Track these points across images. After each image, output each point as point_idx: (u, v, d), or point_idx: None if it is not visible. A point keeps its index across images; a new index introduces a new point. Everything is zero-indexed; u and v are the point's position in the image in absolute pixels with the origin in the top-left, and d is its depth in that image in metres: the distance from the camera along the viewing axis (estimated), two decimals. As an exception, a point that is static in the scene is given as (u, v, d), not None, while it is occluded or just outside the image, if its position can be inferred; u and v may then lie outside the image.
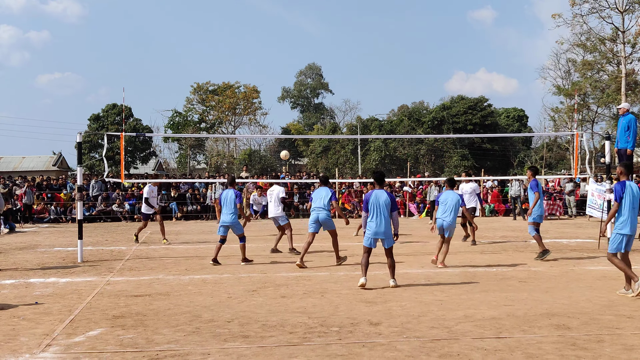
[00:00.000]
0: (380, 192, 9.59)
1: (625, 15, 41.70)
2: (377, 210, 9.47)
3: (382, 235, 9.52)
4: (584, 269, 11.55)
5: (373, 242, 9.64)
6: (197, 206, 28.07)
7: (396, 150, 54.19)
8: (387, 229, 9.50)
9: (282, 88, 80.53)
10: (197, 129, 61.80)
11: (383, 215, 9.47)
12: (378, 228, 9.47)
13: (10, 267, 12.19)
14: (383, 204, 9.48)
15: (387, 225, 9.50)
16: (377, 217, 9.47)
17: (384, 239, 9.54)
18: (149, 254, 14.28)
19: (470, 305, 8.22)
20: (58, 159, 61.09)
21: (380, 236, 9.53)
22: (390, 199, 9.51)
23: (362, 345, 6.26)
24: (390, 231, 9.58)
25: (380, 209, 9.47)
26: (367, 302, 8.43)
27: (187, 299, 8.82)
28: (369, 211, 9.56)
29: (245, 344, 6.34)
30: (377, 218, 9.47)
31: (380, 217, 9.46)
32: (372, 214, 9.52)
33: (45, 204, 26.89)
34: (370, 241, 9.62)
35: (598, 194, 16.01)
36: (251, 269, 11.77)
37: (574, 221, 25.61)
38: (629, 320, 7.33)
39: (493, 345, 6.24)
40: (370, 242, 9.62)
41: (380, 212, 9.47)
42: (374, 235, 9.55)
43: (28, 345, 6.38)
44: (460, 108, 55.71)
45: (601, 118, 52.52)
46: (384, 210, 9.47)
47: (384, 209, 9.47)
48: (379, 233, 9.51)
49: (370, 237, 9.58)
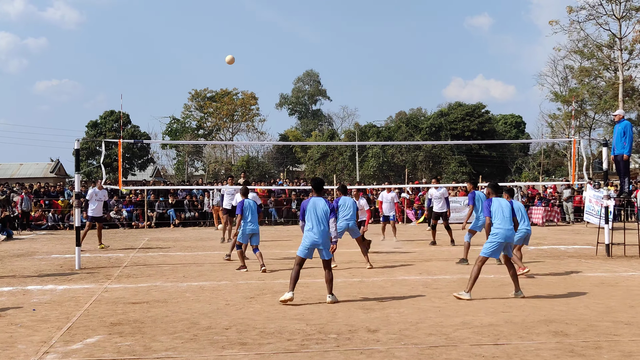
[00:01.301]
0: (318, 200, 9.05)
1: (622, 22, 41.90)
2: (316, 218, 8.92)
3: (320, 245, 8.95)
4: (582, 275, 11.56)
5: (309, 253, 9.03)
6: (195, 213, 28.03)
7: (394, 157, 54.20)
8: (325, 239, 8.94)
9: (280, 95, 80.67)
10: (195, 135, 61.81)
11: (322, 224, 8.91)
12: (316, 237, 8.90)
13: (7, 274, 12.16)
14: (322, 212, 8.94)
15: (325, 234, 8.94)
16: (315, 225, 8.91)
17: (322, 249, 8.98)
18: (147, 261, 14.26)
19: (468, 311, 8.22)
20: (56, 166, 61.05)
21: (318, 246, 8.96)
22: (329, 207, 9.01)
23: (360, 352, 6.26)
24: (329, 241, 9.01)
25: (318, 217, 8.92)
26: (365, 309, 8.43)
27: (185, 306, 8.81)
28: (307, 220, 8.99)
29: (243, 351, 6.33)
30: (315, 227, 8.91)
31: (318, 226, 8.90)
32: (310, 222, 8.96)
33: (42, 211, 26.85)
34: (307, 252, 8.99)
35: (596, 200, 16.03)
36: (249, 276, 11.76)
37: (571, 227, 25.64)
38: (627, 327, 7.33)
39: (491, 352, 6.24)
40: (306, 252, 9.00)
41: (318, 220, 8.91)
42: (312, 245, 8.94)
43: (26, 352, 6.37)
44: (458, 114, 55.77)
45: (598, 124, 52.72)
46: (322, 218, 8.92)
47: (323, 218, 8.93)
48: (317, 243, 8.92)
49: (308, 246, 8.95)
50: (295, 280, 8.94)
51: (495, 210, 9.34)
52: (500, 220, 9.25)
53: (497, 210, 9.33)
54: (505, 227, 9.21)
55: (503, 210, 9.34)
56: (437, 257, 14.50)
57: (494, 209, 9.35)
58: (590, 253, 15.13)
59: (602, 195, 15.03)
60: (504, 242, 9.21)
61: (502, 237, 9.18)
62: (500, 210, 9.33)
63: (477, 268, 9.20)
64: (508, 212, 9.34)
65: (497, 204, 9.42)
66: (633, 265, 12.90)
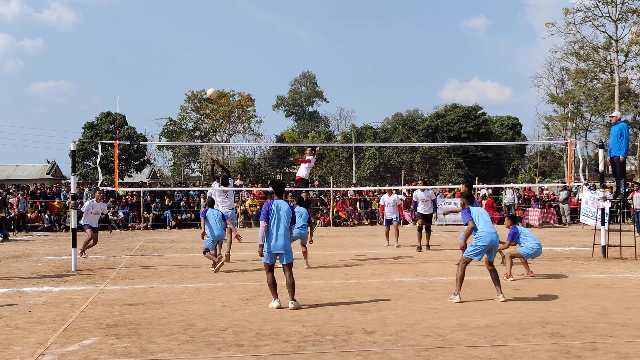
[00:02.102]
0: (281, 202, 8.87)
1: (618, 24, 42.03)
2: (278, 221, 8.72)
3: (281, 249, 8.71)
4: (578, 277, 11.58)
5: (274, 258, 8.82)
6: (191, 214, 27.99)
7: (390, 159, 54.27)
8: (287, 243, 8.75)
9: (277, 96, 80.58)
10: (191, 137, 61.74)
11: (284, 226, 8.73)
12: (277, 241, 8.69)
13: (3, 276, 12.14)
14: (284, 215, 8.76)
15: (287, 238, 8.76)
16: (277, 229, 8.71)
17: (283, 253, 8.74)
18: (143, 263, 14.24)
19: (464, 313, 8.23)
20: (52, 167, 60.93)
21: (279, 250, 8.71)
22: (292, 211, 8.87)
23: (356, 354, 6.26)
24: (290, 245, 8.84)
25: (280, 220, 8.72)
26: (361, 311, 8.43)
27: (181, 307, 8.80)
28: (269, 222, 8.73)
29: (240, 353, 6.33)
30: (277, 230, 8.71)
31: (280, 229, 8.71)
32: (271, 225, 8.72)
33: (39, 213, 26.79)
34: (271, 257, 8.78)
35: (592, 202, 16.06)
36: (245, 277, 11.76)
37: (568, 229, 25.68)
38: (622, 328, 7.35)
39: (487, 353, 6.25)
40: (271, 258, 8.79)
41: (280, 223, 8.71)
42: (273, 250, 8.71)
43: (22, 354, 6.36)
44: (454, 116, 55.90)
45: (595, 126, 52.88)
46: (284, 221, 8.74)
47: (285, 221, 8.74)
48: (278, 247, 8.70)
49: (270, 252, 8.74)
50: (275, 286, 8.79)
51: (476, 216, 9.42)
52: (484, 225, 9.32)
53: (479, 216, 9.43)
54: (489, 231, 9.27)
55: (483, 215, 9.47)
56: (434, 259, 14.51)
57: (475, 215, 9.42)
58: (586, 255, 15.15)
59: (598, 197, 15.07)
60: (488, 245, 9.26)
61: (487, 241, 9.24)
62: (481, 215, 9.45)
63: (461, 269, 9.25)
64: (488, 217, 9.50)
65: (477, 210, 9.53)
66: (629, 267, 12.92)
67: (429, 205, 16.84)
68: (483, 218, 9.43)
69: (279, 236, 8.71)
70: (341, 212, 29.20)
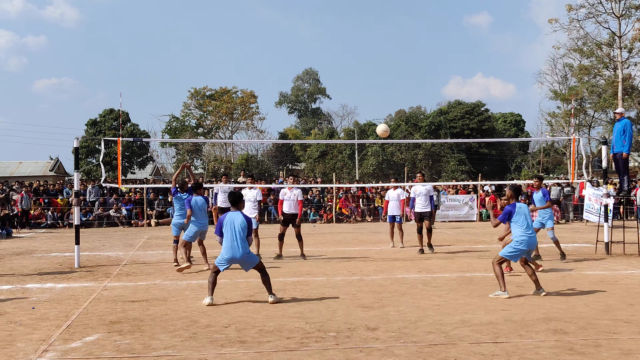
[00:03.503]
0: (235, 215, 8.79)
1: (621, 20, 41.90)
2: (233, 234, 8.67)
3: (238, 262, 8.78)
4: (581, 273, 11.56)
5: (226, 266, 8.83)
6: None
7: (393, 155, 54.19)
8: (243, 254, 8.70)
9: (280, 93, 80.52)
10: (194, 134, 61.73)
11: (239, 238, 8.67)
12: (234, 253, 8.66)
13: (7, 273, 12.17)
14: (239, 227, 8.68)
15: (244, 249, 8.71)
16: (232, 241, 8.67)
17: (241, 264, 8.85)
18: (146, 259, 14.26)
19: (467, 310, 8.22)
20: (55, 164, 61.07)
21: (236, 262, 8.78)
22: (247, 222, 8.77)
23: (359, 350, 6.26)
24: (247, 255, 8.77)
25: (235, 232, 8.66)
26: (364, 307, 8.43)
27: (184, 304, 8.81)
28: (224, 235, 8.74)
29: (243, 350, 6.33)
30: (232, 242, 8.67)
31: (235, 241, 8.66)
32: (226, 238, 8.71)
33: (42, 209, 26.85)
34: (223, 265, 8.79)
35: (595, 198, 16.03)
36: (248, 274, 11.74)
37: (571, 226, 25.64)
38: (626, 325, 7.34)
39: (490, 350, 6.24)
40: (223, 266, 8.80)
41: (235, 235, 8.66)
42: (229, 262, 8.76)
43: (25, 351, 6.37)
44: (458, 113, 55.81)
45: (598, 123, 52.69)
46: (240, 233, 8.67)
47: (240, 233, 8.67)
48: (235, 259, 8.72)
49: (227, 259, 8.74)
50: (214, 285, 8.83)
51: (521, 219, 9.27)
52: (527, 228, 9.25)
53: (522, 218, 9.28)
54: (530, 234, 9.23)
55: (527, 216, 9.33)
56: (437, 256, 14.51)
57: (520, 217, 9.28)
58: (589, 251, 15.13)
59: (601, 194, 15.04)
60: (526, 249, 9.25)
61: (527, 245, 9.21)
62: (524, 217, 9.29)
63: (498, 267, 9.22)
64: (530, 219, 9.39)
65: (521, 210, 9.35)
66: (632, 264, 12.91)
67: (427, 202, 15.68)
68: (527, 220, 9.28)
69: (235, 249, 8.68)
70: (344, 209, 29.19)
